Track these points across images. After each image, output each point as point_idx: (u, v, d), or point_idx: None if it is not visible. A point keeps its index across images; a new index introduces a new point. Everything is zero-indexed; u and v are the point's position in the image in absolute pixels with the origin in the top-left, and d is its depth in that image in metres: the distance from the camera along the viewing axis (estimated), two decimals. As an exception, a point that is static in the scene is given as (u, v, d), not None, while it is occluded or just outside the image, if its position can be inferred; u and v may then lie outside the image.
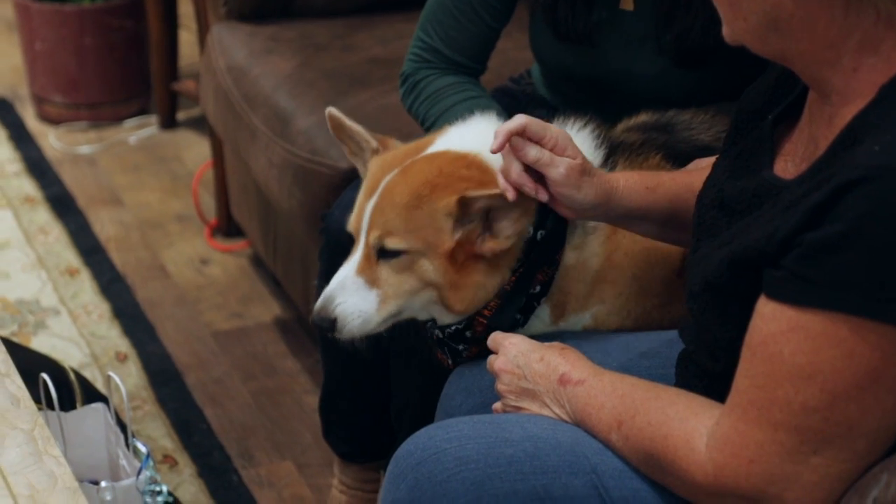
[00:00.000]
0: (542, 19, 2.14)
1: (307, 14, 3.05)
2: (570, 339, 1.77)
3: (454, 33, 2.16)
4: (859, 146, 1.30)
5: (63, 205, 3.62)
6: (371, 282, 1.76)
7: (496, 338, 1.69)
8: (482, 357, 1.76)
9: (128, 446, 2.24)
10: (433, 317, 1.82)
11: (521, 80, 2.39)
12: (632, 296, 1.85)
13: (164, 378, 2.91)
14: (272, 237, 2.98)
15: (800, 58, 1.37)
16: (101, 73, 4.00)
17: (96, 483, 2.15)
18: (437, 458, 1.53)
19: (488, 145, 1.74)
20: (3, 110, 4.13)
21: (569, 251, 1.82)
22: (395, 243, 1.75)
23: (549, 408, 1.59)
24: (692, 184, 1.74)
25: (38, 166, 3.82)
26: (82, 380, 2.47)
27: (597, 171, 1.72)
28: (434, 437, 1.57)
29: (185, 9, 4.08)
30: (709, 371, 1.51)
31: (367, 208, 1.78)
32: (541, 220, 1.77)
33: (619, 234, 1.83)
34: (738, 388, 1.37)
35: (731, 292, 1.42)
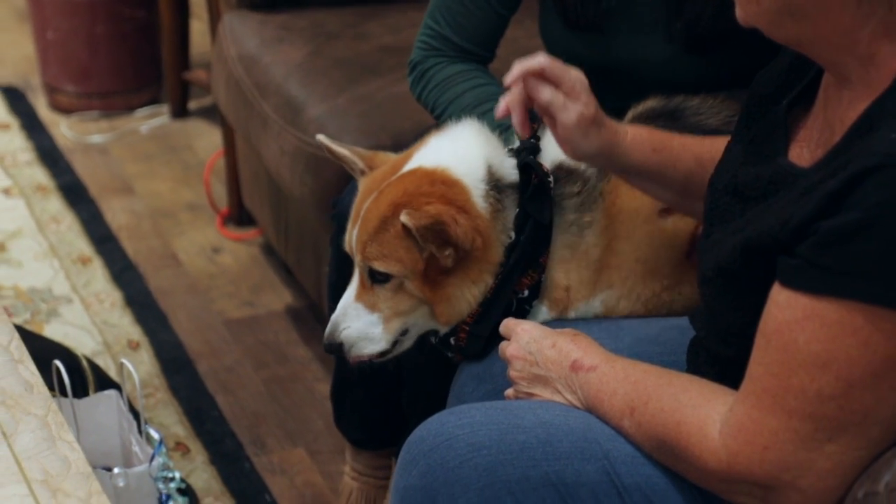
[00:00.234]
0: (552, 7, 2.14)
1: (318, 3, 3.04)
2: (580, 325, 1.77)
3: (463, 20, 2.16)
4: (875, 133, 1.30)
5: (75, 194, 3.62)
6: (370, 306, 1.81)
7: (508, 324, 1.69)
8: (494, 345, 1.77)
9: (140, 433, 2.24)
10: (436, 329, 1.86)
11: (533, 68, 2.38)
12: (638, 279, 1.85)
13: (177, 366, 2.92)
14: (284, 225, 2.98)
15: (815, 43, 1.37)
16: (112, 63, 4.00)
17: (109, 469, 2.15)
18: (449, 445, 1.53)
19: (460, 157, 1.78)
20: (16, 99, 4.14)
21: (561, 249, 1.83)
22: (380, 267, 1.79)
23: (561, 394, 1.59)
24: (701, 155, 1.74)
25: (50, 155, 3.82)
26: (95, 367, 2.47)
27: (608, 121, 1.71)
28: (446, 423, 1.57)
29: (196, -2, 4.08)
30: (720, 357, 1.51)
31: (353, 234, 1.82)
32: (520, 225, 1.79)
33: (616, 223, 1.84)
34: (753, 376, 1.37)
35: (744, 278, 1.42)
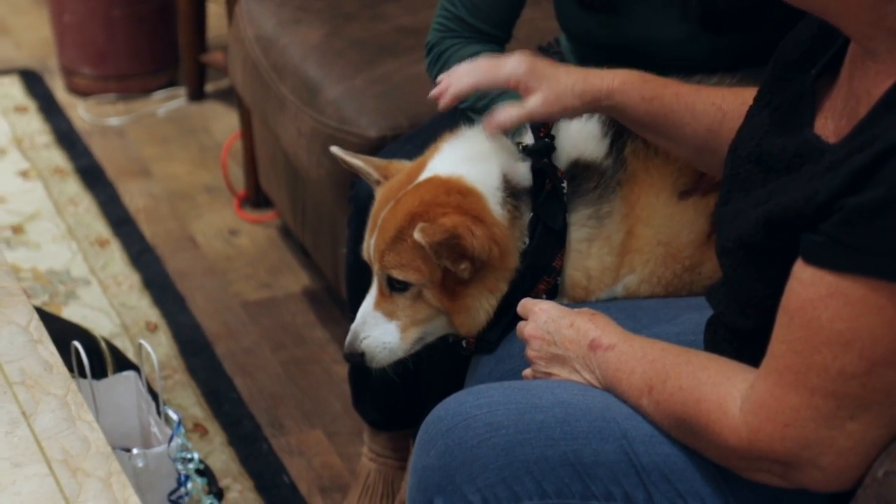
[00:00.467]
0: (567, -12, 2.13)
1: (335, -16, 3.04)
2: (598, 306, 1.77)
3: (479, 2, 2.15)
4: None
5: (92, 176, 3.63)
6: (389, 314, 1.82)
7: (526, 304, 1.69)
8: (512, 326, 1.77)
9: (159, 414, 2.25)
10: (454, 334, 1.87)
11: (550, 48, 2.38)
12: (660, 262, 1.85)
13: (194, 348, 2.93)
14: (301, 207, 2.98)
15: (842, 14, 1.35)
16: (129, 45, 4.00)
17: (128, 450, 2.16)
18: (467, 424, 1.53)
19: (475, 164, 1.80)
20: (33, 82, 4.14)
21: (578, 244, 1.83)
22: (398, 276, 1.79)
23: (579, 373, 1.59)
24: (693, 105, 1.74)
25: (67, 138, 3.83)
26: (113, 349, 2.47)
27: (587, 79, 1.74)
28: (464, 403, 1.57)
29: (212, -20, 4.08)
30: (739, 331, 1.51)
31: (371, 244, 1.83)
32: (533, 229, 1.80)
33: (635, 210, 1.83)
34: (775, 353, 1.37)
35: (766, 251, 1.41)
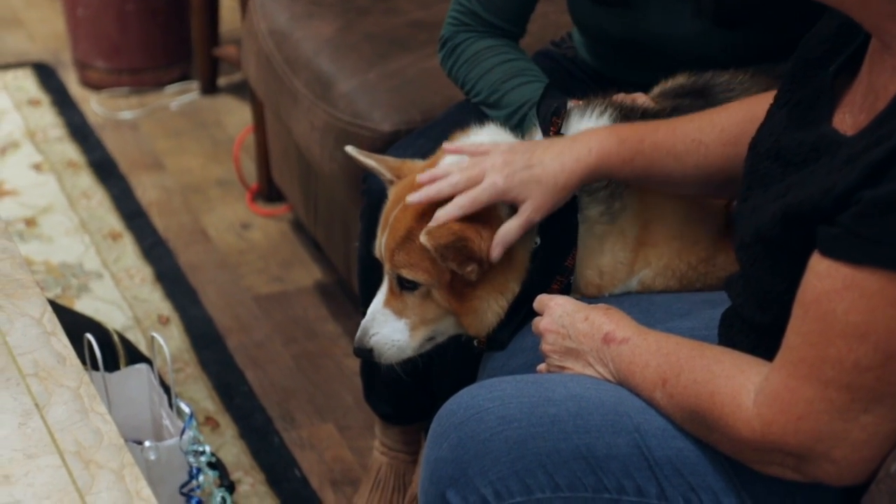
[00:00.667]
0: (579, -18, 2.13)
1: (348, -22, 3.04)
2: (612, 301, 1.76)
3: None
4: None
5: (105, 170, 3.64)
6: (398, 312, 1.82)
7: (542, 299, 1.69)
8: (524, 325, 1.78)
9: (171, 407, 2.25)
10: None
11: (563, 43, 2.38)
12: (675, 255, 1.84)
13: (206, 341, 2.93)
14: (313, 201, 2.99)
15: (859, 8, 1.35)
16: (142, 39, 4.01)
17: (140, 443, 2.16)
18: (479, 418, 1.54)
19: None
20: (46, 76, 4.15)
21: (590, 242, 1.82)
22: (407, 275, 1.79)
23: (593, 367, 1.59)
24: (674, 148, 1.74)
25: (80, 131, 3.84)
26: (126, 341, 2.48)
27: (563, 178, 1.72)
28: (477, 396, 1.57)
29: (226, -26, 4.09)
30: (756, 325, 1.50)
31: (382, 242, 1.83)
32: (544, 228, 1.79)
33: (650, 203, 1.83)
34: (790, 345, 1.36)
35: (784, 245, 1.41)
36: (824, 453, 1.35)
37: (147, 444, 2.15)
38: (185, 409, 2.21)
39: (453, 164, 1.79)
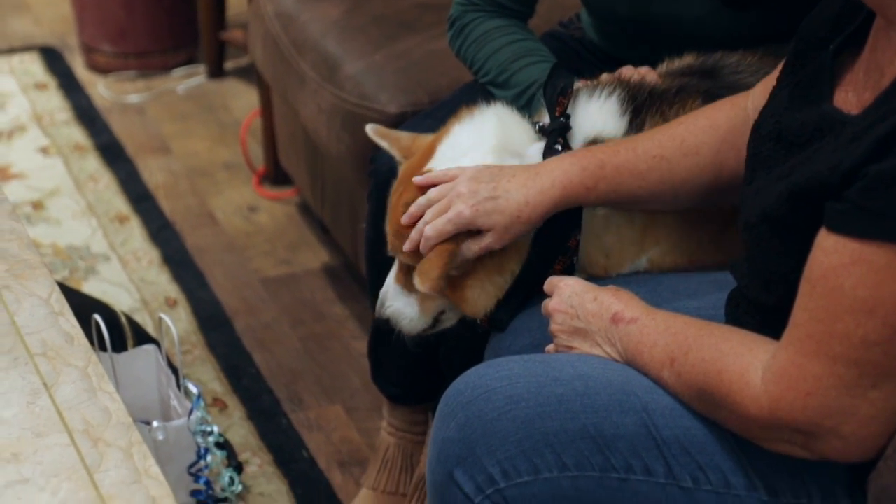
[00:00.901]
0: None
1: (355, -40, 3.04)
2: (620, 281, 1.77)
3: None
4: None
5: (112, 153, 3.64)
6: (407, 288, 1.86)
7: (552, 280, 1.69)
8: (525, 306, 1.80)
9: (179, 387, 2.26)
10: None
11: (571, 24, 2.37)
12: (684, 232, 1.84)
13: (214, 323, 2.93)
14: (320, 184, 2.99)
15: None
16: (149, 23, 4.00)
17: (148, 423, 2.17)
18: (487, 397, 1.54)
19: (482, 152, 1.80)
20: (53, 59, 4.15)
21: (596, 220, 1.82)
22: (405, 260, 1.83)
23: (601, 347, 1.59)
24: (636, 167, 1.74)
25: (87, 115, 3.84)
26: (133, 323, 2.49)
27: (528, 211, 1.73)
28: (484, 375, 1.57)
29: (232, -43, 4.08)
30: (762, 305, 1.50)
31: (387, 224, 1.87)
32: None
33: None
34: (797, 322, 1.36)
35: (790, 224, 1.40)
36: (833, 429, 1.35)
37: (155, 424, 2.15)
38: (193, 389, 2.22)
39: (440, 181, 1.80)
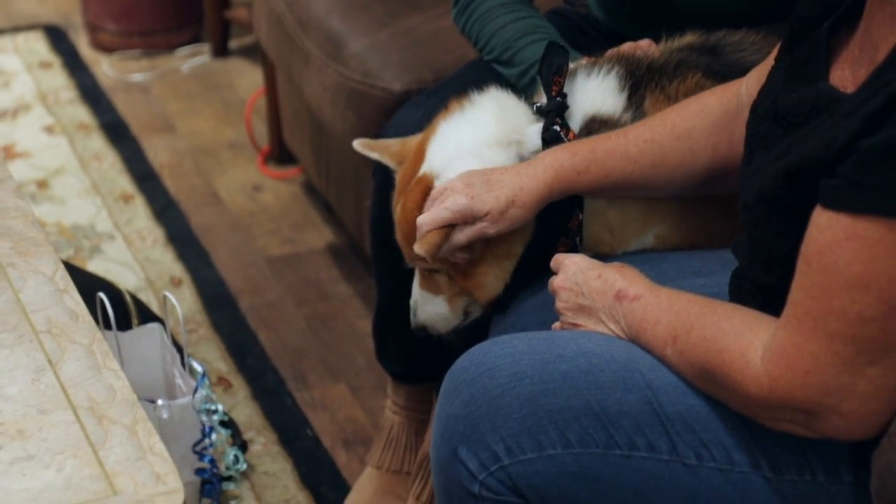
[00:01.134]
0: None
1: (360, -62, 3.03)
2: (624, 258, 1.77)
3: None
4: None
5: (117, 132, 3.64)
6: (433, 291, 1.88)
7: (558, 258, 1.70)
8: (525, 286, 1.81)
9: (183, 366, 2.26)
10: None
11: (576, 1, 2.36)
12: (690, 208, 1.84)
13: (219, 302, 2.93)
14: (325, 163, 2.98)
15: None
16: (153, 1, 3.99)
17: (152, 401, 2.17)
18: (491, 374, 1.54)
19: (476, 144, 1.81)
20: (57, 38, 4.15)
21: (597, 201, 1.82)
22: (422, 265, 1.86)
23: (605, 324, 1.59)
24: (627, 151, 1.74)
25: (91, 93, 3.83)
26: (138, 302, 2.48)
27: (521, 205, 1.72)
28: (489, 352, 1.57)
29: (236, -64, 4.07)
30: (763, 285, 1.50)
31: (397, 235, 1.89)
32: None
33: None
34: (793, 300, 1.36)
35: (787, 204, 1.40)
36: (833, 407, 1.35)
37: (160, 402, 2.15)
38: (198, 367, 2.22)
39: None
